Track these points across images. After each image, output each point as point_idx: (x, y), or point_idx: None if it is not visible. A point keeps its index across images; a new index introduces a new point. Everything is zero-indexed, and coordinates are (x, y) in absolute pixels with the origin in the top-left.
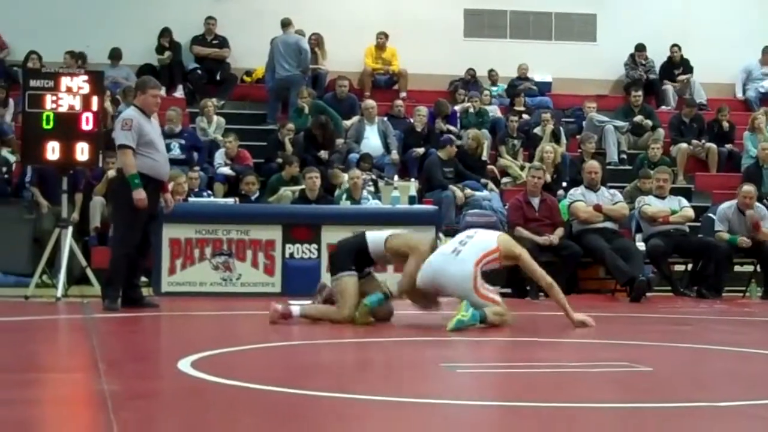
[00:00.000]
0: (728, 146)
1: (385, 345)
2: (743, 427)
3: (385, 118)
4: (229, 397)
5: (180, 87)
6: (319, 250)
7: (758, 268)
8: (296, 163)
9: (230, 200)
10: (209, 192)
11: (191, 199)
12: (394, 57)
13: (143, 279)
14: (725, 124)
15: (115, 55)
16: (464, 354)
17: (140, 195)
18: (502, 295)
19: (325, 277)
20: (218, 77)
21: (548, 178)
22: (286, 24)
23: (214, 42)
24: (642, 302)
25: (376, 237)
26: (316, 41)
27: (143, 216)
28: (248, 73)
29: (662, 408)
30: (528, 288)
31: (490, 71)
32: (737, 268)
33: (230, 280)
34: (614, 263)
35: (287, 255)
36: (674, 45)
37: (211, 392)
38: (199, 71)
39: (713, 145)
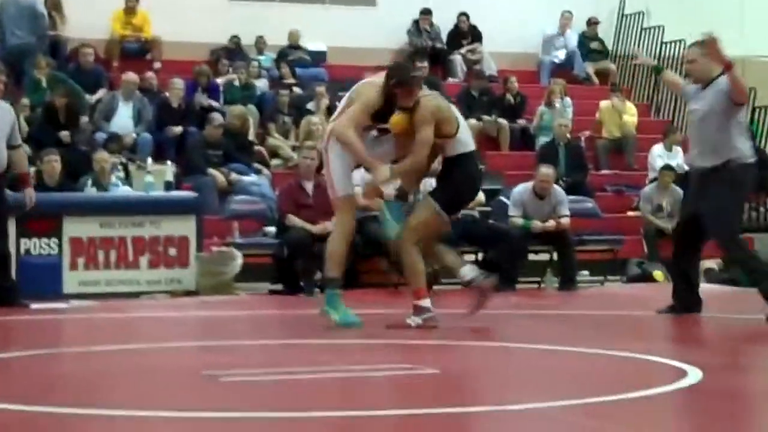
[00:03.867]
0: (520, 122)
1: (142, 352)
2: (531, 431)
3: (137, 92)
4: None
5: None
6: (60, 244)
7: (554, 257)
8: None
9: None
10: None
11: None
12: (146, 22)
13: None
14: (509, 97)
15: None
16: (231, 360)
17: None
18: (271, 292)
19: (70, 276)
20: None
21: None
22: None
23: None
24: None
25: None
26: (54, 4)
27: None
28: None
29: (447, 413)
30: (302, 284)
31: (258, 39)
32: (532, 256)
33: None
34: (397, 254)
35: (23, 251)
36: (462, 14)
37: None
38: None
39: (504, 122)
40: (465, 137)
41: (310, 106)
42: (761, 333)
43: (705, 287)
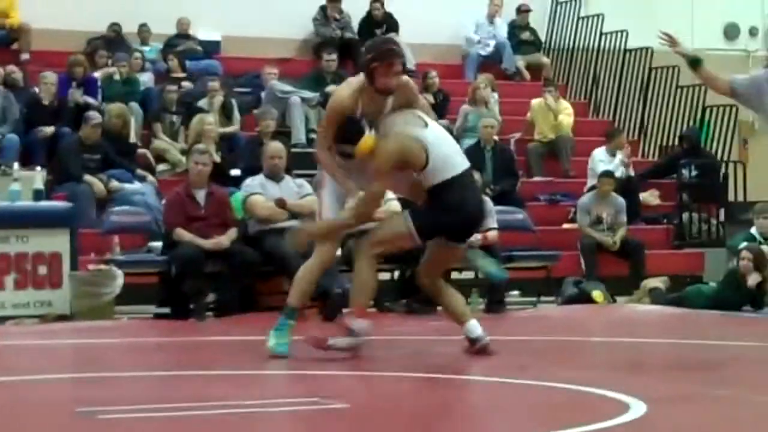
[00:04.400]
0: (442, 122)
1: (7, 385)
2: None
3: (1, 87)
4: None
5: None
6: None
7: (480, 275)
8: None
9: None
10: None
11: None
12: (12, 7)
13: None
14: (429, 95)
15: None
16: (110, 394)
17: None
18: (157, 316)
19: None
20: None
21: (215, 157)
22: None
23: None
24: (337, 321)
25: None
26: None
27: None
28: None
29: None
30: (192, 306)
31: (141, 26)
32: (455, 275)
33: None
34: None
35: None
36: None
37: None
38: None
39: None
40: (441, 163)
41: (202, 103)
42: (709, 359)
43: (650, 308)
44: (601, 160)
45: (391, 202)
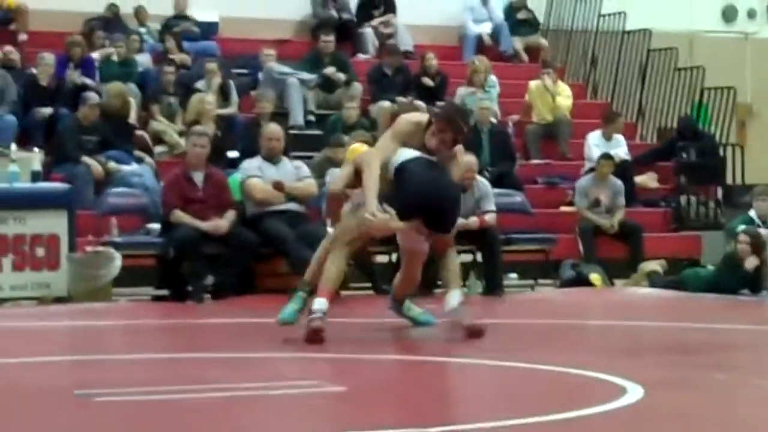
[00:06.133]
0: (440, 104)
1: (4, 368)
2: None
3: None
4: None
5: None
6: None
7: (479, 258)
8: None
9: None
10: None
11: None
12: None
13: None
14: (427, 80)
15: None
16: (107, 377)
17: None
18: (155, 298)
19: None
20: None
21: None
22: None
23: None
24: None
25: None
26: None
27: None
28: None
29: None
30: (190, 288)
31: (138, 7)
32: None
33: None
34: (300, 254)
35: None
36: None
37: None
38: None
39: (422, 104)
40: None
41: (199, 85)
42: (707, 343)
43: (647, 292)
44: (596, 144)
45: None
